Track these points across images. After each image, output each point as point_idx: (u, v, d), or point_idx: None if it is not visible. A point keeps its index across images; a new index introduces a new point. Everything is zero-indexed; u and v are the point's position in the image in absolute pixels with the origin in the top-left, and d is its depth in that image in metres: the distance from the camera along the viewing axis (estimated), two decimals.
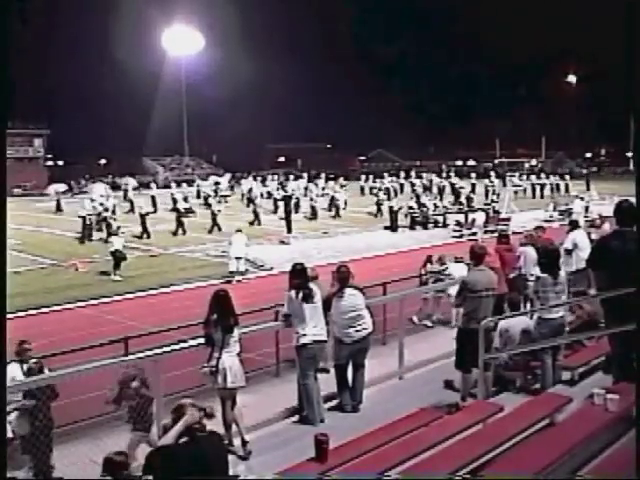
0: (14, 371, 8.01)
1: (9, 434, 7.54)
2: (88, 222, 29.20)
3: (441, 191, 44.49)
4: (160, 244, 28.29)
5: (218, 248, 25.83)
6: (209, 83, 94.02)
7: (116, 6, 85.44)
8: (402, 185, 49.01)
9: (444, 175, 51.48)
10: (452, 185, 44.66)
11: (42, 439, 7.58)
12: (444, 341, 10.67)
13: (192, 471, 4.63)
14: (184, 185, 45.79)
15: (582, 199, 32.23)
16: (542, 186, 48.43)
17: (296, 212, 35.02)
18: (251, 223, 33.07)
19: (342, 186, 40.98)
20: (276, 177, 52.31)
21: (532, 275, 10.62)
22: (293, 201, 35.41)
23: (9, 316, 16.62)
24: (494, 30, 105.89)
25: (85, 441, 8.97)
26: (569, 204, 34.37)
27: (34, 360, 8.11)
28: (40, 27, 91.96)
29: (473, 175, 48.21)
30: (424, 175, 51.51)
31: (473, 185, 44.51)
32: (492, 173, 47.76)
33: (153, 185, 43.56)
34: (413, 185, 45.18)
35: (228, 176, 48.49)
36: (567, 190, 47.00)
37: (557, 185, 48.82)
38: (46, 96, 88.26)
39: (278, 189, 41.52)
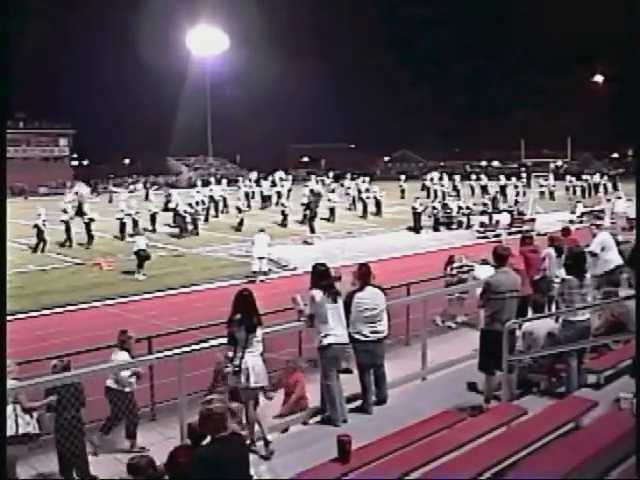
0: (123, 357, 8.63)
1: (35, 430, 7.63)
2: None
3: (486, 192, 43.92)
4: (184, 243, 28.46)
5: (242, 248, 25.90)
6: (233, 83, 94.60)
7: (141, 6, 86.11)
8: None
9: (474, 177, 51.10)
10: (502, 187, 44.17)
11: (67, 436, 7.65)
12: (467, 343, 10.61)
13: (213, 470, 4.65)
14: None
15: (624, 199, 31.18)
16: (574, 187, 48.01)
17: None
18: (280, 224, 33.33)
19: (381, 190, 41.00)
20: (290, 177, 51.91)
21: (557, 277, 10.52)
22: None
23: (34, 314, 16.89)
24: (521, 30, 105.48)
25: (109, 438, 9.04)
26: (596, 205, 34.12)
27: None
28: (65, 27, 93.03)
29: (502, 177, 47.72)
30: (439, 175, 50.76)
31: (502, 187, 44.16)
32: (523, 174, 47.50)
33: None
34: (443, 186, 44.94)
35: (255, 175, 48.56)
36: (597, 191, 46.54)
37: (594, 185, 48.35)
38: (71, 96, 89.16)
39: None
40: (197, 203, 33.42)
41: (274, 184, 44.77)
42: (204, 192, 38.59)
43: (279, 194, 40.95)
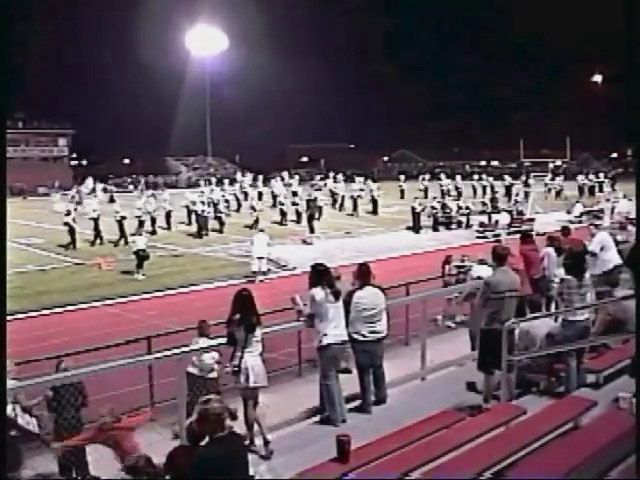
0: (204, 342, 8.94)
1: (35, 430, 7.64)
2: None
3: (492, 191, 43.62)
4: (183, 243, 28.44)
5: (241, 248, 25.90)
6: (233, 83, 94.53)
7: (141, 6, 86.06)
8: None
9: (476, 177, 51.01)
10: (507, 187, 43.92)
11: (66, 436, 7.65)
12: (467, 343, 10.63)
13: (212, 471, 4.65)
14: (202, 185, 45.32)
15: (629, 199, 30.91)
16: (579, 186, 48.23)
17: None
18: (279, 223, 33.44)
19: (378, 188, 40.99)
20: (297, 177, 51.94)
21: (556, 276, 10.52)
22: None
23: (33, 314, 16.89)
24: (519, 30, 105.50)
25: None
26: (595, 205, 34.12)
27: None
28: (64, 27, 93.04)
29: (506, 177, 47.69)
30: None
31: (507, 187, 44.06)
32: (525, 175, 47.71)
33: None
34: (442, 186, 44.88)
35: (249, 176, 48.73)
36: (600, 190, 46.65)
37: (598, 184, 48.50)
38: (71, 96, 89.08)
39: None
40: (218, 202, 33.92)
41: (289, 184, 44.82)
42: (217, 191, 38.75)
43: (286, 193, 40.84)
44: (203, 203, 32.15)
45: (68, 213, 27.64)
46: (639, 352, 6.87)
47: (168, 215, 32.91)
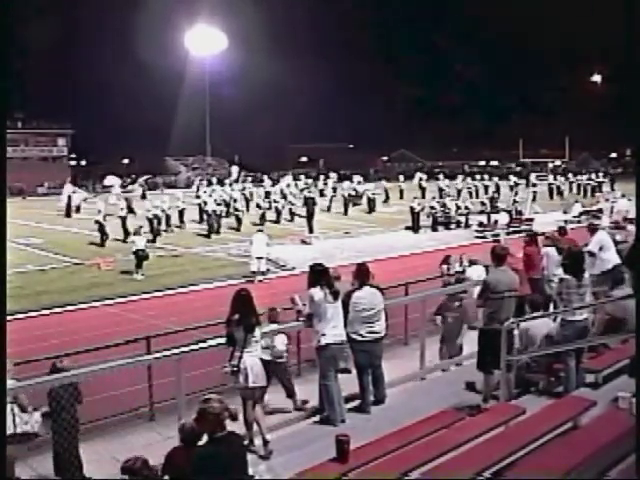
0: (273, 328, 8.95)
1: (34, 429, 7.63)
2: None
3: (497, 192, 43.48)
4: (182, 243, 28.41)
5: (240, 248, 25.89)
6: (232, 83, 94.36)
7: (140, 6, 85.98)
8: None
9: (478, 177, 51.09)
10: (511, 187, 43.74)
11: (65, 436, 7.65)
12: (466, 342, 10.63)
13: (210, 471, 4.65)
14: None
15: (628, 198, 30.78)
16: (579, 185, 48.44)
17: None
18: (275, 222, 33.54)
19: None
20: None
21: (555, 276, 10.50)
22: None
23: (33, 314, 16.85)
24: (519, 30, 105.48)
25: (107, 438, 9.04)
26: (594, 205, 34.12)
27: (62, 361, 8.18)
28: (63, 27, 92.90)
29: (512, 177, 47.80)
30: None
31: (511, 186, 44.09)
32: (532, 175, 48.20)
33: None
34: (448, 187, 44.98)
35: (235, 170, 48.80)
36: (600, 190, 46.71)
37: (598, 184, 48.67)
38: (70, 96, 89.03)
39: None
40: (230, 200, 34.36)
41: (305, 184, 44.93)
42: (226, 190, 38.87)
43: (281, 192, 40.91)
44: (216, 202, 32.25)
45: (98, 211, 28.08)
46: (639, 352, 6.87)
47: (181, 214, 33.08)
